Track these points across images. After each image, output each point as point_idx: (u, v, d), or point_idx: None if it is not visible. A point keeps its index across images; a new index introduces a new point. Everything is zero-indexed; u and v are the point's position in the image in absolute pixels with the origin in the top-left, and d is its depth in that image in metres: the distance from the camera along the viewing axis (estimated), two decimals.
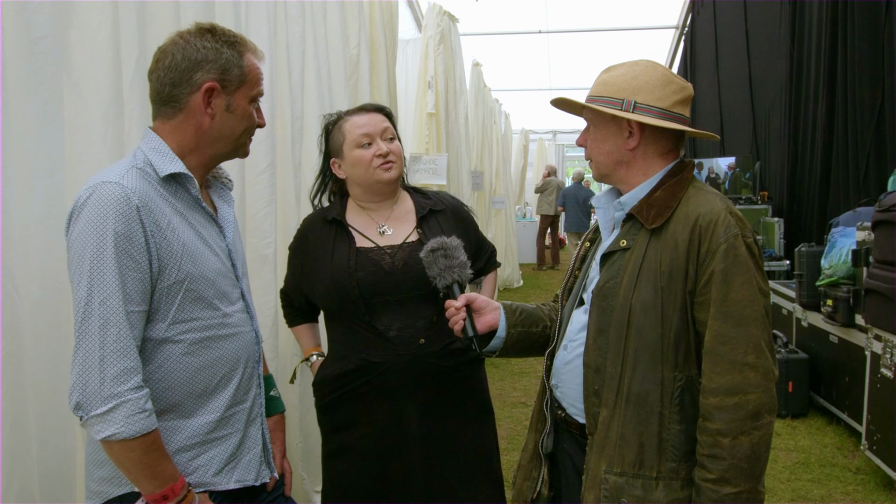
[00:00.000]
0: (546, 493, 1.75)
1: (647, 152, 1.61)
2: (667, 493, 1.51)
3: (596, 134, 1.65)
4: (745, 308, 1.46)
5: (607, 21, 10.43)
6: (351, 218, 2.18)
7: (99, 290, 1.38)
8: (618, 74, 1.62)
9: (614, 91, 1.59)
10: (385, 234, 2.15)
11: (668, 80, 1.59)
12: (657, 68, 1.62)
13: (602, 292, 1.59)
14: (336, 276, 2.07)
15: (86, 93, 1.89)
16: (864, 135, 5.22)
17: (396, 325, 2.07)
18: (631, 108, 1.57)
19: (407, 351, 2.05)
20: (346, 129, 2.14)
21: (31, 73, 1.75)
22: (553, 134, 17.26)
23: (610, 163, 1.65)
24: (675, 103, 1.59)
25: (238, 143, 1.60)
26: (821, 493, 3.63)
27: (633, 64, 1.63)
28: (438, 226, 2.16)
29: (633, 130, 1.60)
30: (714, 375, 1.47)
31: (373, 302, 2.06)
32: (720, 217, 1.50)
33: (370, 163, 2.11)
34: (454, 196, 2.42)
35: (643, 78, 1.59)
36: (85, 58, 1.89)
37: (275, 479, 1.73)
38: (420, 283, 1.98)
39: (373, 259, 2.09)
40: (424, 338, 2.06)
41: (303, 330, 2.35)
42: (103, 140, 1.91)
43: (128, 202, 1.40)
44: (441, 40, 5.84)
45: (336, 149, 2.17)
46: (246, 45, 1.58)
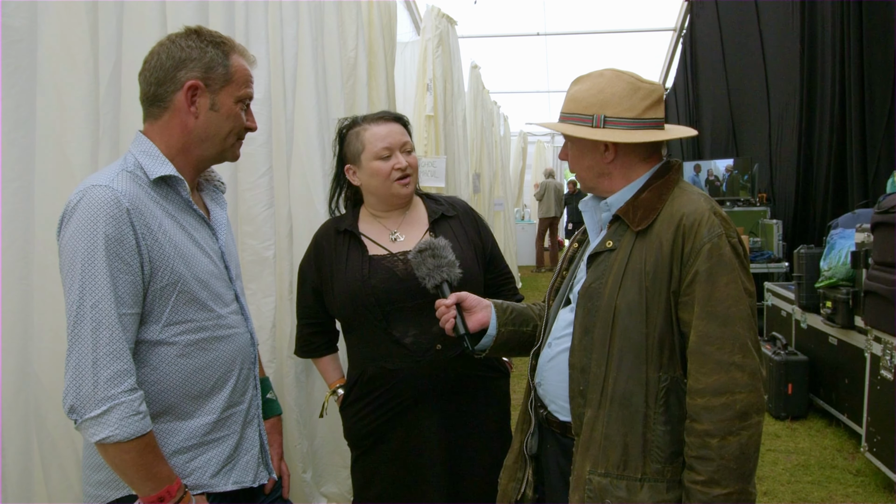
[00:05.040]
0: (531, 494, 1.74)
1: (626, 162, 1.61)
2: (651, 494, 1.49)
3: (574, 150, 1.66)
4: (730, 308, 1.45)
5: (605, 24, 10.46)
6: (363, 227, 2.18)
7: (91, 293, 1.38)
8: (584, 88, 1.60)
9: (583, 107, 1.59)
10: (397, 240, 2.15)
11: (635, 88, 1.57)
12: (622, 77, 1.60)
13: (588, 292, 1.59)
14: (351, 284, 2.06)
15: (62, 96, 1.89)
16: (874, 137, 5.21)
17: (412, 331, 2.06)
18: (601, 122, 1.56)
19: (424, 357, 2.04)
20: (365, 138, 2.13)
21: (6, 76, 1.75)
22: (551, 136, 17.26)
23: (592, 176, 1.65)
24: (646, 109, 1.58)
25: (225, 145, 1.60)
26: (821, 496, 3.63)
27: (599, 76, 1.61)
28: (451, 231, 2.15)
29: (608, 145, 1.59)
30: (700, 376, 1.45)
31: (388, 309, 2.05)
32: (704, 217, 1.49)
33: (389, 176, 2.10)
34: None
35: (609, 90, 1.57)
36: (60, 60, 1.89)
37: (273, 480, 1.73)
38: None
39: (386, 266, 2.08)
40: (441, 343, 2.04)
41: (326, 362, 2.32)
42: (78, 142, 1.91)
43: (118, 205, 1.40)
44: (439, 43, 5.84)
45: (353, 156, 2.16)
46: (233, 47, 1.58)
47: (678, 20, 10.52)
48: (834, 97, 5.77)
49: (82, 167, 1.89)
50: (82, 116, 1.91)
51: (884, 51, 5.11)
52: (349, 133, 2.18)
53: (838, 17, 5.63)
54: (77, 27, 1.90)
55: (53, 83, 1.87)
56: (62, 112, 1.88)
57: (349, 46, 3.70)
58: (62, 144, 1.89)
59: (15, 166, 1.79)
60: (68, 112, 1.89)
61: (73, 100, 1.89)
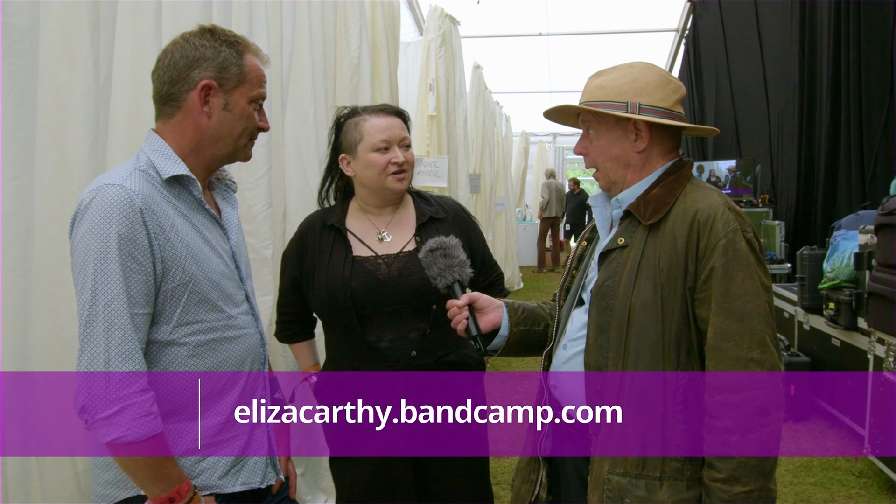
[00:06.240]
0: (544, 496, 1.72)
1: (652, 152, 1.60)
2: (671, 493, 1.48)
3: (600, 140, 1.62)
4: (747, 303, 1.44)
5: (607, 24, 10.46)
6: (351, 223, 2.14)
7: (103, 293, 1.37)
8: (615, 78, 1.59)
9: (615, 94, 1.57)
10: (384, 240, 2.12)
11: (667, 80, 1.58)
12: (654, 69, 1.60)
13: (601, 291, 1.57)
14: (331, 284, 2.04)
15: (62, 95, 1.90)
16: (871, 138, 5.22)
17: (388, 336, 2.04)
18: (636, 110, 1.55)
19: (398, 363, 2.02)
20: (364, 128, 2.09)
21: (7, 75, 1.75)
22: (553, 136, 17.26)
23: (619, 168, 1.62)
24: (675, 103, 1.58)
25: (238, 145, 1.59)
26: (823, 497, 3.63)
27: (629, 66, 1.60)
28: (438, 234, 2.13)
29: (642, 132, 1.58)
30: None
31: (366, 313, 2.03)
32: (718, 212, 1.48)
33: (384, 169, 2.07)
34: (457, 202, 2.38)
35: (643, 79, 1.57)
36: (61, 60, 1.89)
37: (280, 481, 1.72)
38: (414, 295, 1.96)
39: (368, 269, 2.06)
40: (416, 350, 2.03)
41: (300, 349, 2.31)
42: (77, 142, 1.92)
43: (131, 205, 1.40)
44: (442, 43, 5.84)
45: (349, 146, 2.12)
46: (247, 46, 1.57)
47: (681, 21, 10.51)
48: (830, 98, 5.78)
49: (80, 166, 1.90)
50: (82, 116, 1.92)
51: (881, 52, 5.11)
52: (347, 122, 2.14)
53: (836, 18, 5.64)
54: (77, 27, 1.91)
55: (54, 83, 1.87)
56: (62, 111, 1.89)
57: (352, 47, 3.70)
58: (62, 143, 1.89)
59: (15, 164, 1.80)
60: (68, 111, 1.90)
61: (72, 99, 1.90)
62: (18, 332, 1.85)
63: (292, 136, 3.06)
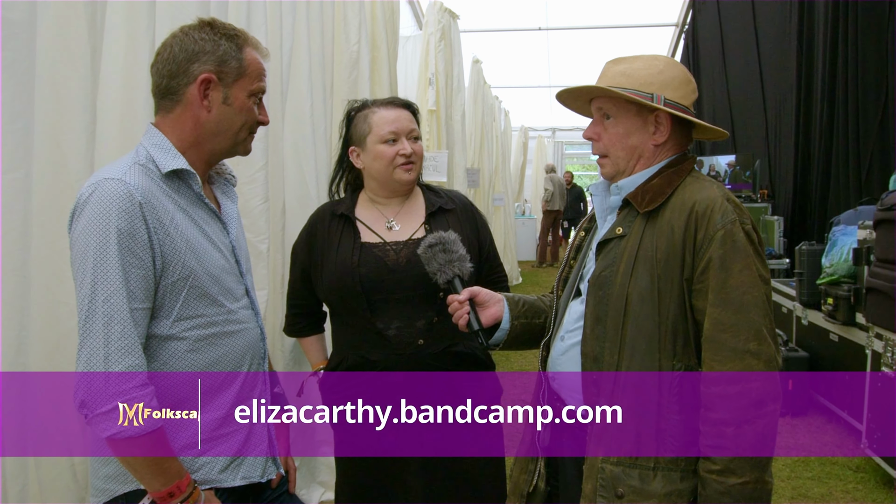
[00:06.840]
0: (543, 486, 1.72)
1: (666, 146, 1.60)
2: (665, 483, 1.47)
3: (618, 127, 1.59)
4: (744, 294, 1.44)
5: (607, 18, 10.45)
6: (360, 212, 2.16)
7: (103, 287, 1.37)
8: (640, 67, 1.57)
9: (640, 84, 1.55)
10: (392, 229, 2.14)
11: (689, 79, 1.59)
12: (678, 65, 1.61)
13: (598, 281, 1.57)
14: (339, 270, 2.05)
15: (59, 88, 1.89)
16: (867, 134, 5.23)
17: (396, 323, 2.04)
18: (662, 103, 1.54)
19: (405, 351, 2.03)
20: (373, 120, 2.11)
21: (4, 68, 1.75)
22: (552, 131, 17.24)
23: (631, 158, 1.60)
24: (692, 103, 1.59)
25: (237, 139, 1.58)
26: (821, 492, 3.64)
27: (654, 58, 1.59)
28: (447, 225, 2.12)
29: (662, 125, 1.57)
30: (715, 364, 1.44)
31: (374, 299, 2.04)
32: (717, 203, 1.48)
33: (392, 160, 2.09)
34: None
35: (669, 73, 1.57)
36: (57, 54, 1.89)
37: (280, 475, 1.72)
38: (423, 282, 1.96)
39: (377, 255, 2.07)
40: (423, 339, 2.04)
41: (310, 343, 2.31)
42: (74, 135, 1.92)
43: (131, 199, 1.39)
44: (442, 37, 5.83)
45: (359, 138, 2.14)
46: (246, 39, 1.57)
47: (680, 16, 10.50)
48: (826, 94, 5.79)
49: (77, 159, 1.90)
50: (79, 109, 1.91)
51: (877, 48, 5.11)
52: (357, 115, 2.17)
53: (833, 15, 5.65)
54: (75, 21, 1.91)
55: (51, 76, 1.87)
56: (58, 104, 1.89)
57: (352, 41, 3.70)
58: (58, 137, 1.89)
59: (12, 157, 1.79)
60: (65, 104, 1.90)
61: (69, 92, 1.90)
62: (16, 324, 1.85)
63: (290, 131, 3.06)
